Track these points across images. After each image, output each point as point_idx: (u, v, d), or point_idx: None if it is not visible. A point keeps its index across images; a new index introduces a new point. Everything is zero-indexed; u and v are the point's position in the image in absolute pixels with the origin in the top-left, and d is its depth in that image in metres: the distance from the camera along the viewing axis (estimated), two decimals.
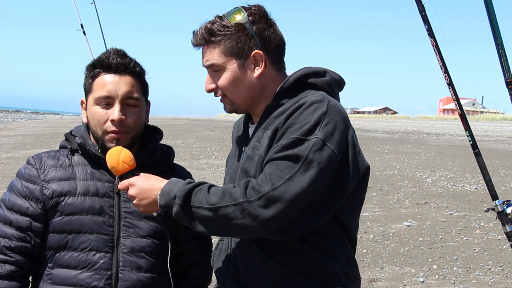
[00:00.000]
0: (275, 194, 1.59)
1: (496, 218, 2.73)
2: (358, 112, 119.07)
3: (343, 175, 1.69)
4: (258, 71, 1.80)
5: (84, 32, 6.60)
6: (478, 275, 5.78)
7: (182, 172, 2.10)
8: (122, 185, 1.82)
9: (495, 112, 79.15)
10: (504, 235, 2.73)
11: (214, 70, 1.82)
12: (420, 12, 2.70)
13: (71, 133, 2.03)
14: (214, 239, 2.03)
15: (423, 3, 2.70)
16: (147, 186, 1.77)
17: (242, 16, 1.78)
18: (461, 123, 2.87)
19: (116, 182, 1.95)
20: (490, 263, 6.16)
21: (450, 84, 2.77)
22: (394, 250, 6.61)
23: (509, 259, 6.25)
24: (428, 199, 9.65)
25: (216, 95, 1.86)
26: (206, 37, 1.80)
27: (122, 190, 1.84)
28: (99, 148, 1.95)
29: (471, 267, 6.03)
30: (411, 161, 15.01)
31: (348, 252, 1.82)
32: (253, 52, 1.78)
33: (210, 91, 1.85)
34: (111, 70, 1.92)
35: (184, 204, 1.67)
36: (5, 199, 1.96)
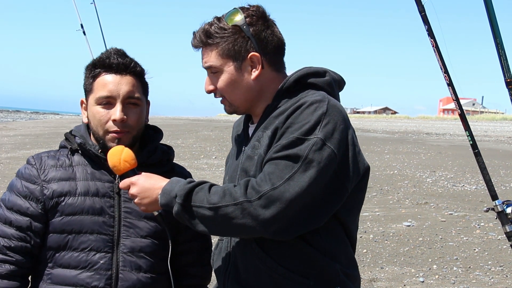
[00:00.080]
0: (274, 194, 1.59)
1: (496, 218, 2.73)
2: (358, 112, 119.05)
3: (343, 175, 1.69)
4: (255, 73, 1.80)
5: (84, 32, 6.61)
6: (478, 275, 5.78)
7: (182, 172, 2.10)
8: (123, 184, 1.82)
9: (495, 112, 79.14)
10: (504, 235, 2.74)
11: (213, 72, 1.83)
12: (420, 12, 2.70)
13: (71, 133, 2.02)
14: (214, 238, 2.03)
15: (423, 3, 2.70)
16: (148, 185, 1.77)
17: (239, 17, 1.78)
18: (461, 123, 2.87)
19: (116, 182, 1.95)
20: (490, 263, 6.16)
21: (450, 84, 2.77)
22: (394, 250, 6.61)
23: (509, 259, 6.25)
24: (428, 199, 9.65)
25: (215, 96, 1.87)
26: (203, 39, 1.80)
27: (123, 189, 1.84)
28: (99, 148, 1.95)
29: (471, 267, 6.03)
30: (411, 161, 15.01)
31: (348, 252, 1.82)
32: (249, 54, 1.78)
33: (209, 92, 1.86)
34: (112, 70, 1.92)
35: (185, 203, 1.67)
36: (5, 199, 1.96)
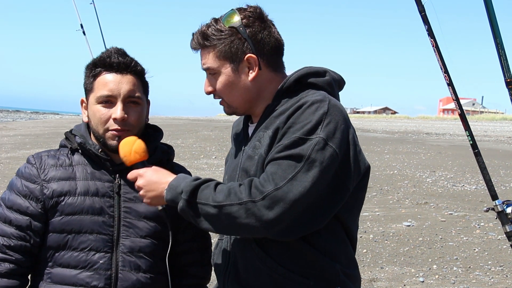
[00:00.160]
0: (278, 194, 1.59)
1: (496, 218, 2.73)
2: (358, 112, 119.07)
3: (344, 174, 1.69)
4: (252, 75, 1.80)
5: (83, 32, 6.61)
6: (478, 275, 5.77)
7: (182, 172, 2.10)
8: (131, 174, 1.83)
9: (495, 112, 79.15)
10: (504, 235, 2.74)
11: (211, 74, 1.83)
12: (420, 12, 2.70)
13: (71, 132, 2.02)
14: (214, 238, 2.03)
15: (423, 3, 2.70)
16: (155, 179, 1.77)
17: (236, 19, 1.78)
18: (461, 123, 2.87)
19: (116, 182, 1.95)
20: (490, 263, 6.16)
21: (450, 84, 2.77)
22: (394, 250, 6.61)
23: (509, 259, 6.25)
24: (428, 199, 9.65)
25: (214, 97, 1.87)
26: (201, 41, 1.81)
27: (131, 180, 1.83)
28: (99, 148, 1.95)
29: (471, 267, 6.02)
30: (411, 161, 15.01)
31: (348, 252, 1.82)
32: (246, 56, 1.79)
33: (208, 94, 1.87)
34: (113, 69, 1.92)
35: (190, 200, 1.67)
36: (5, 198, 1.95)
